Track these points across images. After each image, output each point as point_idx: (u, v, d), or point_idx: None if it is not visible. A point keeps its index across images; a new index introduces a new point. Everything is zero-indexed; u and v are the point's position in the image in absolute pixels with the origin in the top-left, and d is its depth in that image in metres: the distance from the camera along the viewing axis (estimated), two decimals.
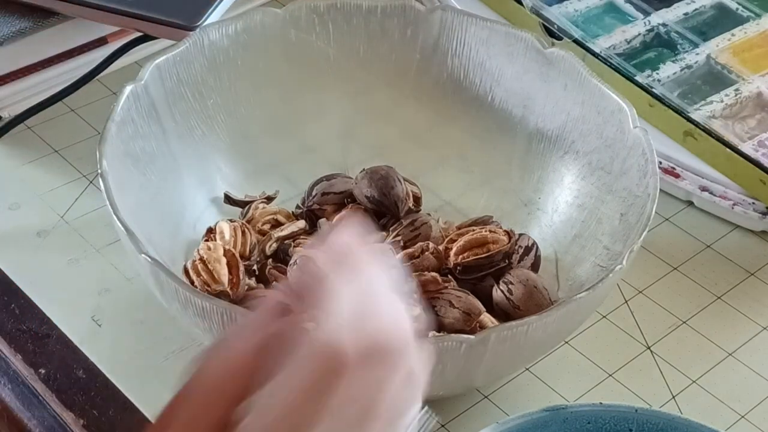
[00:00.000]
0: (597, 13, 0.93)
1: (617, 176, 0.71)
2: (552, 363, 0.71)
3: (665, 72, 0.87)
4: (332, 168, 0.77)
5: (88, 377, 0.68)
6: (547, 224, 0.75)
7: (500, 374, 0.68)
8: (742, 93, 0.86)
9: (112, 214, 0.62)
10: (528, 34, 0.76)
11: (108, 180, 0.64)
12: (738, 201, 0.81)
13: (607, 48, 0.88)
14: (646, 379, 0.71)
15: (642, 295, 0.76)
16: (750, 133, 0.83)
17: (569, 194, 0.75)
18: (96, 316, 0.72)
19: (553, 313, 0.60)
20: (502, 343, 0.60)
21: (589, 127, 0.74)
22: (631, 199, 0.69)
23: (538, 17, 0.91)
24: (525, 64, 0.76)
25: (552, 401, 0.68)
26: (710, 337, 0.74)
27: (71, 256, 0.76)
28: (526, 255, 0.72)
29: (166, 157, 0.73)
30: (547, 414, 0.59)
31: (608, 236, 0.70)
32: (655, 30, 0.91)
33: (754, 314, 0.76)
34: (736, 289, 0.77)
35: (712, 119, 0.83)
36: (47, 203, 0.79)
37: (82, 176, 0.81)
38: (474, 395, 0.69)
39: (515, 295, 0.68)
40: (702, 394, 0.70)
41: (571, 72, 0.74)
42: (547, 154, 0.76)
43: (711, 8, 0.93)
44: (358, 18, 0.78)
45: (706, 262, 0.79)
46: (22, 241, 0.76)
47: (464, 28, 0.78)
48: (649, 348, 0.73)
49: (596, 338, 0.73)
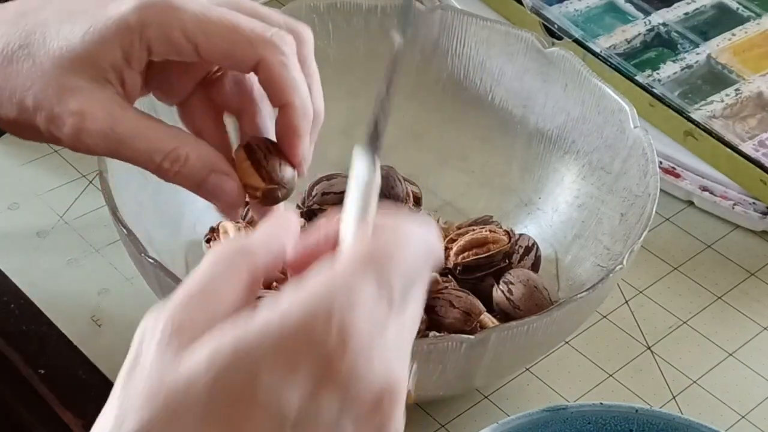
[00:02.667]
0: (597, 13, 0.92)
1: (617, 176, 0.71)
2: (552, 363, 0.71)
3: (666, 72, 0.87)
4: (332, 168, 0.77)
5: (87, 377, 0.68)
6: (547, 224, 0.75)
7: (500, 374, 0.68)
8: (742, 93, 0.85)
9: (112, 215, 0.62)
10: (528, 33, 0.76)
11: (108, 180, 0.64)
12: (738, 201, 0.81)
13: (608, 48, 0.88)
14: (646, 379, 0.71)
15: (642, 295, 0.76)
16: (750, 132, 0.83)
17: (569, 194, 0.75)
18: (96, 316, 0.72)
19: (554, 313, 0.60)
20: (503, 343, 0.60)
21: (589, 126, 0.74)
22: (632, 199, 0.69)
23: (538, 17, 0.91)
24: (525, 63, 0.76)
25: (552, 401, 0.68)
26: (711, 337, 0.74)
27: (71, 256, 0.76)
28: (526, 255, 0.72)
29: None
30: (548, 414, 0.59)
31: (608, 236, 0.70)
32: (656, 30, 0.91)
33: (755, 314, 0.76)
34: (736, 289, 0.77)
35: (712, 119, 0.83)
36: (47, 203, 0.79)
37: (81, 176, 0.81)
38: (474, 395, 0.69)
39: (515, 295, 0.68)
40: (702, 395, 0.70)
41: (572, 72, 0.74)
42: (547, 154, 0.76)
43: (711, 8, 0.93)
44: (357, 18, 0.78)
45: (706, 262, 0.79)
46: (21, 241, 0.76)
47: (464, 27, 0.78)
48: (649, 348, 0.73)
49: (596, 338, 0.73)
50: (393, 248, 0.39)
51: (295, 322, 0.36)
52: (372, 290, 0.37)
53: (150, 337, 0.37)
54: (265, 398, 0.36)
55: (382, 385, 0.37)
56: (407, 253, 0.39)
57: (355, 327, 0.37)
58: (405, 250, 0.39)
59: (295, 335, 0.36)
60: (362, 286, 0.37)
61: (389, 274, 0.38)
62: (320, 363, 0.36)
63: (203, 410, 0.36)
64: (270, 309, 0.37)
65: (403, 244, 0.39)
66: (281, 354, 0.36)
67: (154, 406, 0.36)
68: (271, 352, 0.36)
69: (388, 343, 0.38)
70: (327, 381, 0.36)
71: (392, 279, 0.38)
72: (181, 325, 0.37)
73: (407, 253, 0.39)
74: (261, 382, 0.36)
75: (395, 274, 0.38)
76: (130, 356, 0.38)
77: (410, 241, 0.39)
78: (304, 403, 0.36)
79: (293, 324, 0.36)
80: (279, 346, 0.36)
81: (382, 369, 0.37)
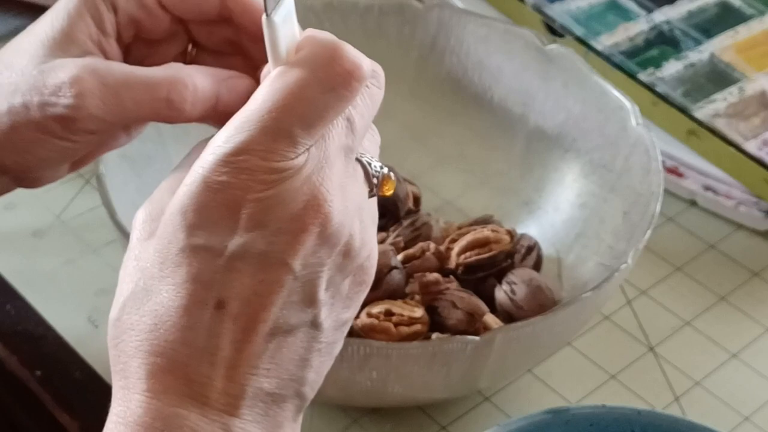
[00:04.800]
0: (599, 11, 0.92)
1: (620, 174, 0.71)
2: (554, 364, 0.70)
3: (668, 70, 0.86)
4: None
5: (84, 378, 0.68)
6: (548, 223, 0.75)
7: (504, 376, 0.68)
8: (745, 91, 0.85)
9: (109, 215, 0.62)
10: (527, 31, 0.76)
11: (105, 180, 0.64)
12: (742, 200, 0.80)
13: (610, 46, 0.88)
14: (649, 380, 0.71)
15: (645, 295, 0.76)
16: (754, 131, 0.83)
17: (571, 193, 0.74)
18: (92, 316, 0.72)
19: (559, 313, 0.60)
20: (508, 344, 0.60)
21: (590, 124, 0.73)
22: (634, 197, 0.69)
23: (540, 14, 0.90)
24: (524, 61, 0.76)
25: (554, 403, 0.68)
26: (714, 338, 0.74)
27: (67, 257, 0.75)
28: (528, 255, 0.71)
29: (163, 159, 0.72)
30: (549, 416, 0.59)
31: (611, 235, 0.69)
32: (659, 27, 0.90)
33: (759, 315, 0.75)
34: (740, 290, 0.77)
35: (715, 118, 0.83)
36: (43, 203, 0.79)
37: (78, 176, 0.81)
38: (476, 397, 0.69)
39: (518, 295, 0.68)
40: (705, 396, 0.70)
41: (572, 69, 0.74)
42: (547, 153, 0.76)
43: (715, 6, 0.93)
44: (355, 16, 0.78)
45: (709, 262, 0.79)
46: (17, 241, 0.76)
47: (462, 25, 0.78)
48: (652, 349, 0.73)
49: (599, 339, 0.73)
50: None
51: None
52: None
53: (133, 232, 0.44)
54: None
55: (301, 207, 0.42)
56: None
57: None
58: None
59: (202, 196, 0.42)
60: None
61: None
62: (231, 211, 0.42)
63: (158, 268, 0.42)
64: (187, 177, 0.43)
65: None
66: (196, 212, 0.42)
67: (132, 279, 0.43)
68: (188, 210, 0.42)
69: (297, 174, 0.42)
70: (242, 223, 0.42)
71: (290, 125, 0.42)
72: (151, 214, 0.44)
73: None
74: (188, 236, 0.42)
75: (291, 119, 0.42)
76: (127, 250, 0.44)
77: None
78: (229, 243, 0.42)
79: (199, 186, 0.42)
80: (194, 207, 0.42)
81: (296, 196, 0.42)
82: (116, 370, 0.43)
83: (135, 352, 0.42)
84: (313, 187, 0.42)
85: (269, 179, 0.41)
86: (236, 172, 0.41)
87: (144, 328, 0.42)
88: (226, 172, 0.41)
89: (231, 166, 0.41)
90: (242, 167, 0.41)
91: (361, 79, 0.44)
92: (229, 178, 0.41)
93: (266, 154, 0.41)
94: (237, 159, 0.41)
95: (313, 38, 0.45)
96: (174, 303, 0.42)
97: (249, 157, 0.41)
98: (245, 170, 0.41)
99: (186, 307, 0.42)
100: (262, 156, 0.41)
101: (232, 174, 0.41)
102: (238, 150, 0.42)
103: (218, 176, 0.42)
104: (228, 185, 0.41)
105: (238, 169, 0.41)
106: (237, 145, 0.42)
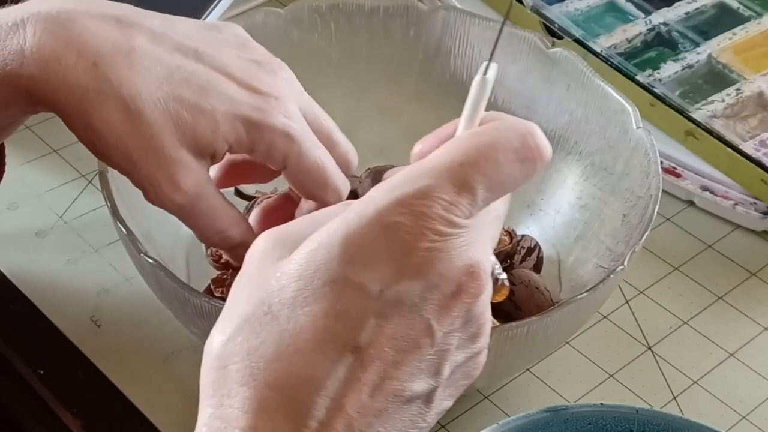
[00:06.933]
0: (598, 12, 0.92)
1: (620, 177, 0.71)
2: (553, 363, 0.71)
3: (666, 71, 0.86)
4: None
5: (87, 377, 0.68)
6: (549, 225, 0.75)
7: (501, 375, 0.68)
8: (743, 92, 0.85)
9: (112, 215, 0.62)
10: (531, 34, 0.76)
11: (108, 180, 0.64)
12: (739, 201, 0.81)
13: (608, 47, 0.88)
14: (647, 379, 0.71)
15: (643, 295, 0.76)
16: (751, 132, 0.83)
17: (572, 195, 0.75)
18: (95, 316, 0.72)
19: (554, 314, 0.60)
20: (504, 344, 0.60)
21: (592, 127, 0.73)
22: (634, 200, 0.69)
23: (538, 16, 0.90)
24: (528, 64, 0.76)
25: (553, 402, 0.68)
26: (711, 338, 0.74)
27: (70, 256, 0.75)
28: (528, 256, 0.71)
29: None
30: (548, 415, 0.59)
31: (610, 237, 0.70)
32: (656, 29, 0.91)
33: (756, 314, 0.76)
34: (737, 290, 0.77)
35: (713, 119, 0.83)
36: (46, 203, 0.79)
37: (81, 176, 0.81)
38: (474, 396, 0.69)
39: (517, 296, 0.68)
40: (703, 395, 0.70)
41: (575, 72, 0.74)
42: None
43: (712, 7, 0.93)
44: (360, 18, 0.78)
45: (707, 262, 0.79)
46: (20, 241, 0.76)
47: (467, 28, 0.77)
48: (650, 348, 0.73)
49: (597, 339, 0.73)
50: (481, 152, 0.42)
51: (372, 220, 0.40)
52: (452, 193, 0.40)
53: (253, 252, 0.42)
54: (347, 284, 0.39)
55: (461, 269, 0.40)
56: (495, 156, 0.42)
57: (432, 220, 0.40)
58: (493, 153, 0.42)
59: (371, 232, 0.40)
60: (441, 190, 0.40)
61: (473, 179, 0.41)
62: (397, 254, 0.39)
63: (293, 294, 0.39)
64: (350, 211, 0.40)
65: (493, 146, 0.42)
66: (359, 246, 0.39)
67: (252, 301, 0.40)
68: (351, 244, 0.39)
69: (465, 235, 0.40)
70: (405, 269, 0.39)
71: (475, 182, 0.41)
72: (278, 239, 0.42)
73: (494, 156, 0.42)
74: (344, 269, 0.39)
75: (479, 177, 0.41)
76: (241, 272, 0.42)
77: (499, 144, 0.42)
78: (385, 287, 0.39)
79: (370, 221, 0.40)
80: (358, 242, 0.40)
81: (461, 256, 0.40)
82: (214, 394, 0.39)
83: (247, 380, 0.39)
84: (474, 253, 0.40)
85: (444, 231, 0.40)
86: (415, 216, 0.39)
87: (263, 355, 0.39)
88: (403, 213, 0.39)
89: (410, 208, 0.39)
90: (421, 212, 0.39)
91: (546, 161, 0.43)
92: (405, 219, 0.39)
93: (449, 205, 0.40)
94: (418, 202, 0.40)
95: (503, 114, 0.44)
96: (306, 336, 0.38)
97: (432, 204, 0.40)
98: (424, 216, 0.39)
99: (320, 344, 0.38)
100: (444, 206, 0.40)
101: (410, 217, 0.39)
102: (422, 194, 0.40)
103: (394, 216, 0.39)
104: (402, 227, 0.39)
105: (417, 213, 0.39)
106: (421, 189, 0.40)
